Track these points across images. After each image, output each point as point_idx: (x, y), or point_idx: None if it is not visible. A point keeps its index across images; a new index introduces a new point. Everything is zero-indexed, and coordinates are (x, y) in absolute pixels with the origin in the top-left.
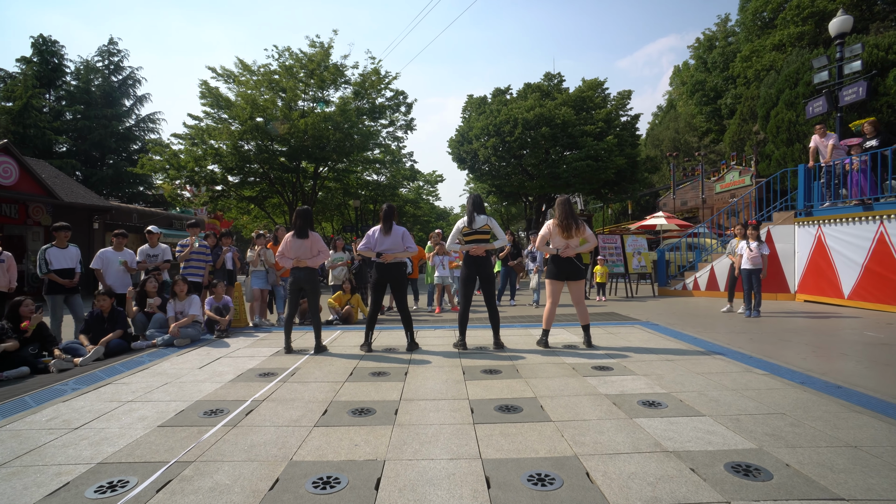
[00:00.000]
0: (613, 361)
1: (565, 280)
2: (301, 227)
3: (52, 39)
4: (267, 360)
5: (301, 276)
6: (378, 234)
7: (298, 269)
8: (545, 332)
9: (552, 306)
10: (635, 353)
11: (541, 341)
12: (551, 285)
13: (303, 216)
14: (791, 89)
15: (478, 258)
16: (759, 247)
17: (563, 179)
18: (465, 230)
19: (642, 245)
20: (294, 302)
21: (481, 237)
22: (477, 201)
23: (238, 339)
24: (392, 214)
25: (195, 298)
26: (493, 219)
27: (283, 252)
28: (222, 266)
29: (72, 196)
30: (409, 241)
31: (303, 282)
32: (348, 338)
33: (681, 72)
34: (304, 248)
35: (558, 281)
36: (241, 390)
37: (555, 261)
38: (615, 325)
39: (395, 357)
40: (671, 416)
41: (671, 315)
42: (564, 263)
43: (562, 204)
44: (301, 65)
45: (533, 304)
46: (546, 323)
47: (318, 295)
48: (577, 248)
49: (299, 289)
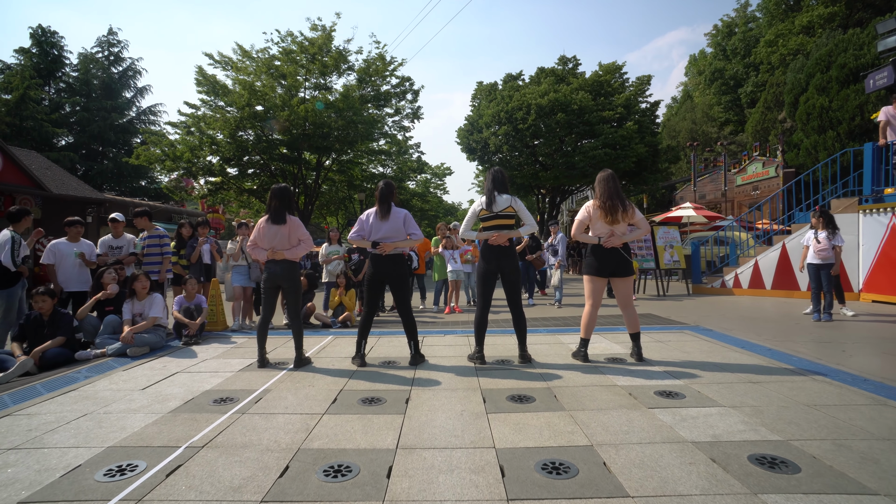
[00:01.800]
0: (680, 384)
1: (609, 276)
2: (277, 210)
3: (51, 30)
4: (233, 377)
5: (277, 270)
6: (373, 218)
7: (274, 262)
8: (584, 341)
9: (593, 309)
10: (703, 371)
11: (578, 353)
12: (592, 283)
13: (279, 196)
14: (823, 73)
15: (499, 249)
16: (830, 237)
17: (580, 169)
18: (483, 213)
19: (675, 238)
20: (270, 304)
21: (504, 222)
22: (498, 177)
23: (209, 347)
24: (391, 194)
25: (157, 298)
26: (518, 199)
27: (255, 241)
28: (198, 260)
29: (63, 188)
30: (413, 226)
31: (279, 278)
32: (341, 345)
33: (697, 61)
34: (281, 235)
35: (600, 277)
36: (179, 428)
37: (596, 252)
38: (661, 331)
39: (395, 374)
40: (821, 490)
41: (720, 318)
42: (608, 256)
43: (605, 180)
44: (302, 49)
45: (554, 304)
46: (585, 330)
47: (298, 294)
48: (624, 237)
49: (276, 287)
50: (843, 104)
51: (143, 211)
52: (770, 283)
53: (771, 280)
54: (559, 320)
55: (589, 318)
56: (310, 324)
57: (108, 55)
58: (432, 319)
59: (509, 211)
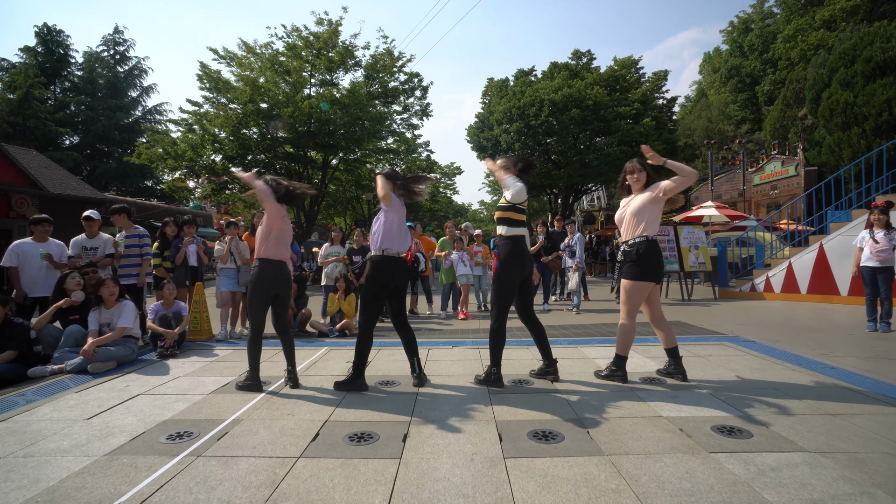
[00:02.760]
0: (740, 415)
1: (656, 282)
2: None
3: (56, 29)
4: (202, 401)
5: (284, 275)
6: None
7: (281, 264)
8: (621, 360)
9: (632, 321)
10: (763, 397)
11: (613, 374)
12: (635, 290)
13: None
14: (847, 68)
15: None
16: (890, 236)
17: (594, 168)
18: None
19: (700, 238)
20: (265, 315)
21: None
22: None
23: (186, 361)
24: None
25: (128, 306)
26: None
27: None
28: (183, 263)
29: (61, 187)
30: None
31: (282, 285)
32: (336, 359)
33: (711, 58)
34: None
35: (646, 283)
36: (107, 481)
37: (644, 251)
38: (696, 342)
39: (393, 398)
40: None
41: (759, 326)
42: (655, 257)
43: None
44: (307, 44)
45: (572, 310)
46: (623, 346)
47: (288, 304)
48: (649, 219)
49: (273, 295)
50: (869, 99)
51: (121, 208)
52: (806, 287)
53: (807, 284)
54: (579, 329)
55: (629, 332)
56: (305, 332)
57: (114, 54)
58: (439, 326)
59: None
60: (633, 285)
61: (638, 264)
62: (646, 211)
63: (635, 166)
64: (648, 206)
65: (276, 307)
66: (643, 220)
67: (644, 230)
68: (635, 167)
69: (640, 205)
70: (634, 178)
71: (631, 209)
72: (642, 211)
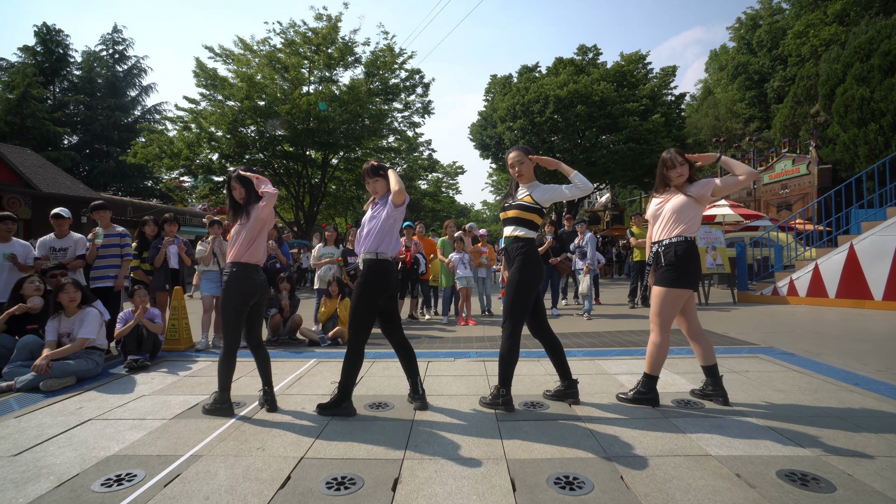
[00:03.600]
0: (808, 455)
1: (693, 289)
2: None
3: (55, 28)
4: (161, 428)
5: (262, 279)
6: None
7: (257, 268)
8: (651, 379)
9: (665, 336)
10: (826, 429)
11: (642, 396)
12: (670, 298)
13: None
14: (863, 62)
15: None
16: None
17: (601, 166)
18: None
19: (717, 238)
20: (241, 326)
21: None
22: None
23: (156, 376)
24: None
25: (91, 314)
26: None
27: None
28: (163, 265)
29: (54, 186)
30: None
31: (262, 290)
32: (324, 374)
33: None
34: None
35: (683, 290)
36: None
37: (682, 253)
38: (727, 354)
39: (384, 427)
40: None
41: (792, 335)
42: (695, 261)
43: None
44: (305, 39)
45: (583, 316)
46: (655, 365)
47: (263, 314)
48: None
49: (250, 304)
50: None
51: (100, 204)
52: (834, 290)
53: (835, 287)
54: (593, 337)
55: (662, 347)
56: (295, 339)
57: (113, 53)
58: (440, 334)
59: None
60: (669, 293)
61: (675, 268)
62: (688, 210)
63: (676, 158)
64: (692, 206)
65: (251, 317)
66: (684, 219)
67: (684, 230)
68: (676, 159)
69: (683, 203)
70: (677, 173)
71: (671, 206)
72: (684, 210)
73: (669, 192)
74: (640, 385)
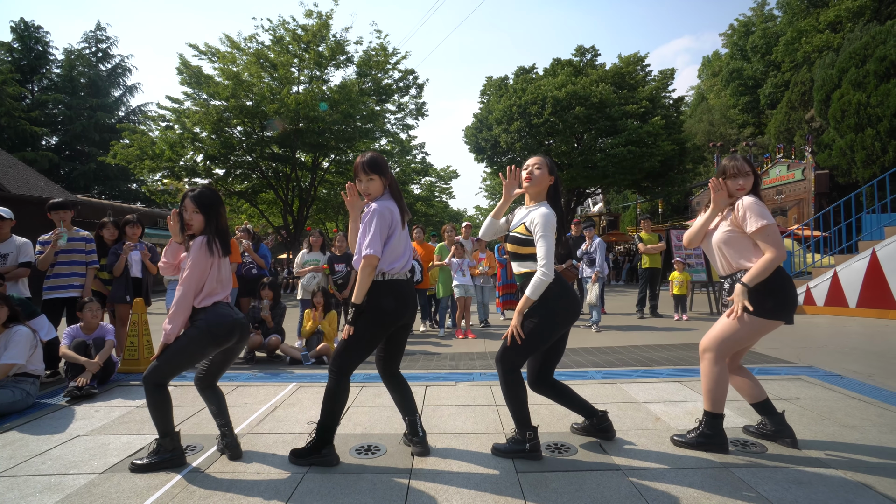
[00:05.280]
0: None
1: (789, 322)
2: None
3: (35, 25)
4: (82, 490)
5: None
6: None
7: (224, 307)
8: (715, 419)
9: (724, 364)
10: None
11: (708, 440)
12: (756, 328)
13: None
14: (858, 67)
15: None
16: None
17: (600, 169)
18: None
19: None
20: (183, 368)
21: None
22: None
23: (104, 406)
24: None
25: (20, 333)
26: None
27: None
28: (124, 273)
29: (26, 188)
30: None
31: (239, 334)
32: (305, 403)
33: (711, 62)
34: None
35: (777, 322)
36: None
37: (781, 281)
38: (766, 376)
39: (372, 491)
40: None
41: (824, 350)
42: (792, 289)
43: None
44: (295, 36)
45: (591, 327)
46: (717, 401)
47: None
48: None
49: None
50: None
51: (60, 203)
52: (855, 300)
53: (856, 296)
54: (608, 353)
55: (723, 379)
56: (276, 357)
57: (96, 51)
58: (437, 349)
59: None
60: (759, 323)
61: (772, 296)
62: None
63: (743, 167)
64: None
65: (224, 357)
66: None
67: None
68: (741, 168)
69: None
70: (739, 186)
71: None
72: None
73: (729, 208)
74: (704, 426)
